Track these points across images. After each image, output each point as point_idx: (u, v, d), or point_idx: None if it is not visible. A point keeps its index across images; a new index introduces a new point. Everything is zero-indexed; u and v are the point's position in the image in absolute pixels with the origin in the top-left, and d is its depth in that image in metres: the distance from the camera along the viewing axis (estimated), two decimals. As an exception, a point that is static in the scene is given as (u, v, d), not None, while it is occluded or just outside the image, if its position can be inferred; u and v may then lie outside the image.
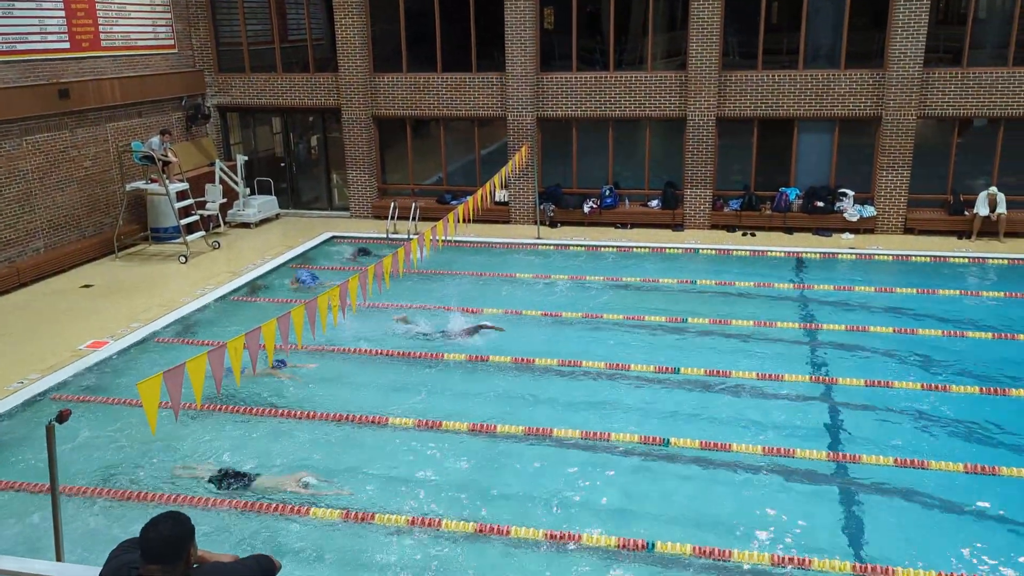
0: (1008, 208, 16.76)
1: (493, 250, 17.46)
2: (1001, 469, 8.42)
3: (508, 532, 7.57)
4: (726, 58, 18.11)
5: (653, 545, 7.31)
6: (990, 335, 12.02)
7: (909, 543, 7.40)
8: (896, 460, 8.64)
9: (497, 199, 19.09)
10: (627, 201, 19.14)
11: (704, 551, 7.21)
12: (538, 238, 17.91)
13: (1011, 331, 12.09)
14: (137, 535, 3.72)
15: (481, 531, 7.64)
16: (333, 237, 18.41)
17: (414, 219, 18.22)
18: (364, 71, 19.42)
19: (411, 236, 16.75)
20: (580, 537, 7.45)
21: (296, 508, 7.97)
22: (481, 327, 12.39)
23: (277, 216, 20.40)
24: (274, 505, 8.01)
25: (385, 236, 18.10)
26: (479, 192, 14.30)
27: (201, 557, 3.81)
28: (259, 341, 7.74)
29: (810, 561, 7.08)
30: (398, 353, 11.74)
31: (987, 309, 13.36)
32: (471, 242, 17.47)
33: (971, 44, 16.98)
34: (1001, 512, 7.82)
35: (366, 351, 11.83)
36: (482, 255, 17.11)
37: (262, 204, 19.90)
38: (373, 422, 9.72)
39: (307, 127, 21.22)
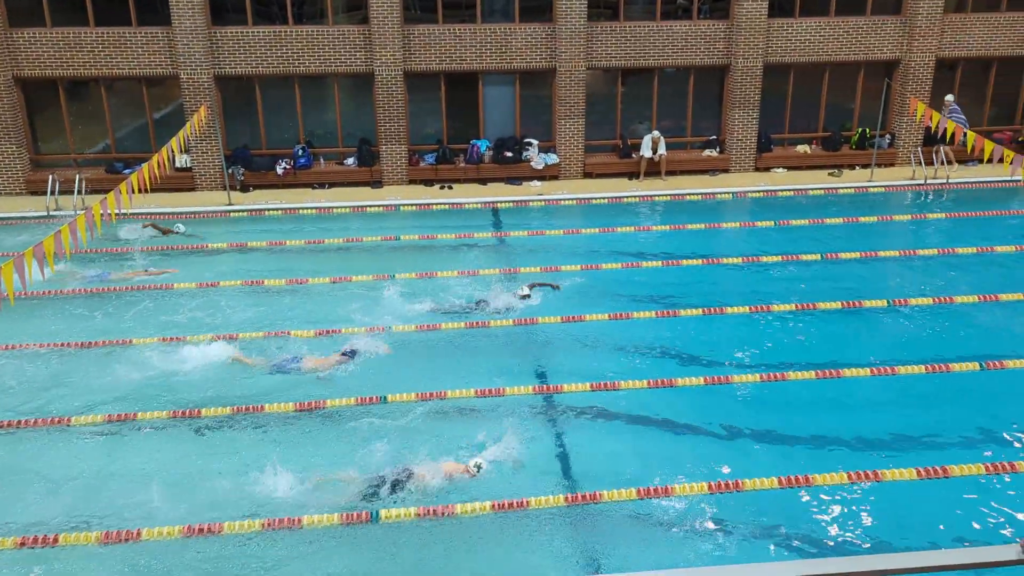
0: (667, 149, 18.79)
1: (179, 221, 16.01)
2: (676, 380, 9.49)
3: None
4: (408, 12, 18.08)
5: (378, 514, 7.22)
6: (660, 263, 13.45)
7: (612, 462, 8.07)
8: (592, 385, 9.39)
9: (178, 165, 17.55)
10: (322, 160, 18.56)
11: (430, 511, 7.27)
12: (229, 204, 16.77)
13: (675, 258, 13.62)
14: None
15: (190, 532, 7.04)
16: (-22, 220, 15.75)
17: (80, 192, 16.14)
18: (-4, 24, 16.63)
19: (78, 212, 14.81)
20: (299, 522, 7.16)
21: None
22: (533, 286, 12.01)
23: (-102, 200, 16.98)
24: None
25: (46, 214, 15.86)
26: (155, 158, 12.99)
27: None
28: None
29: (527, 501, 7.42)
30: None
31: (656, 241, 14.93)
32: (153, 214, 15.91)
33: (625, 0, 18.58)
34: (680, 419, 8.81)
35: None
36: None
37: None
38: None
39: (-73, 92, 17.76)
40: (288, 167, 18.01)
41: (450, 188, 18.20)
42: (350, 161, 18.53)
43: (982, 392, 9.33)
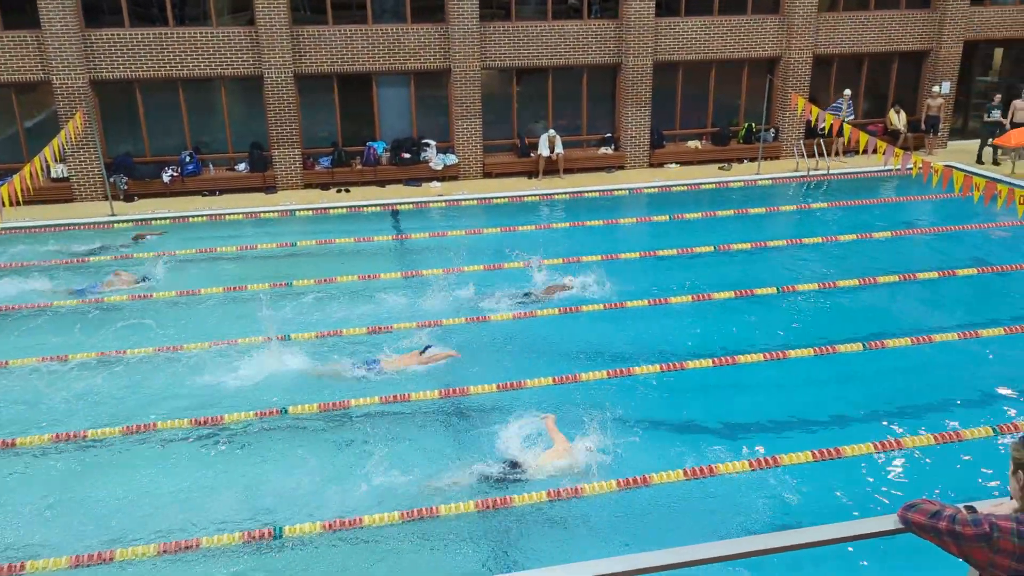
0: (564, 148, 19.02)
1: (58, 234, 15.16)
2: (581, 376, 9.59)
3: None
4: (297, 13, 17.67)
5: (281, 531, 7.01)
6: (560, 260, 13.56)
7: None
8: (498, 386, 9.38)
9: (53, 175, 16.66)
10: (211, 166, 17.94)
11: (332, 524, 7.10)
12: (112, 215, 15.99)
13: (577, 255, 13.77)
14: None
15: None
16: None
17: (-55, 208, 15.04)
18: None
19: (-57, 229, 13.85)
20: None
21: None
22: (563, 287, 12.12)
23: None
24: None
25: (-94, 232, 14.73)
26: (27, 169, 12.25)
27: None
28: None
29: (437, 509, 7.34)
30: None
31: (558, 239, 15.07)
32: (27, 228, 15.00)
33: (517, 0, 18.70)
34: (584, 413, 8.88)
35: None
36: (44, 241, 14.76)
37: None
38: None
39: None
40: (175, 175, 17.32)
41: (347, 191, 17.90)
42: (241, 167, 17.98)
43: (865, 372, 9.81)
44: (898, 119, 20.38)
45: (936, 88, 20.49)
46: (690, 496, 7.52)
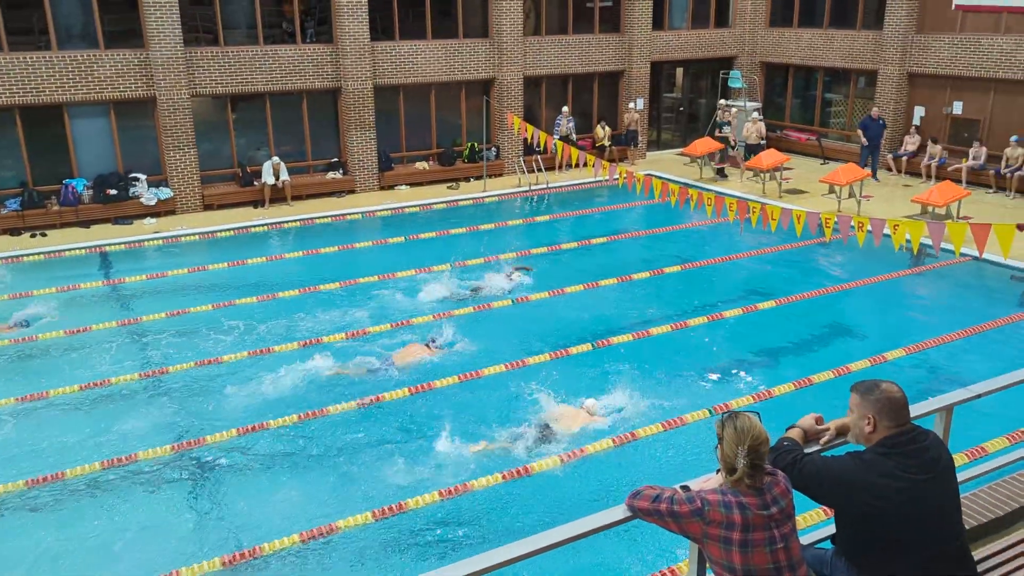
0: (290, 174, 18.44)
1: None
2: (328, 409, 9.29)
3: None
4: (-39, 37, 15.49)
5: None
6: (297, 291, 13.10)
7: (278, 506, 7.64)
8: (239, 430, 8.84)
9: None
10: None
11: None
12: None
13: (312, 284, 13.37)
14: None
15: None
16: None
17: None
18: None
19: None
20: None
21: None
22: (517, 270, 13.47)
23: None
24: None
25: None
26: None
27: None
28: None
29: (179, 575, 6.74)
30: None
31: (294, 268, 14.53)
32: None
33: (224, 24, 17.85)
34: (330, 451, 8.65)
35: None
36: None
37: None
38: None
39: None
40: None
41: (43, 235, 15.97)
42: (-97, 216, 15.37)
43: (596, 370, 10.49)
44: (604, 133, 22.22)
45: (632, 104, 22.62)
46: (443, 512, 7.54)
